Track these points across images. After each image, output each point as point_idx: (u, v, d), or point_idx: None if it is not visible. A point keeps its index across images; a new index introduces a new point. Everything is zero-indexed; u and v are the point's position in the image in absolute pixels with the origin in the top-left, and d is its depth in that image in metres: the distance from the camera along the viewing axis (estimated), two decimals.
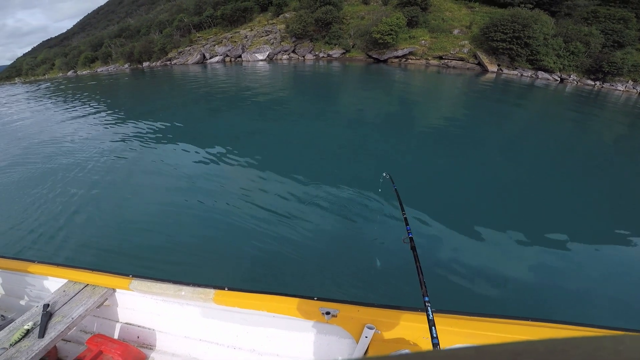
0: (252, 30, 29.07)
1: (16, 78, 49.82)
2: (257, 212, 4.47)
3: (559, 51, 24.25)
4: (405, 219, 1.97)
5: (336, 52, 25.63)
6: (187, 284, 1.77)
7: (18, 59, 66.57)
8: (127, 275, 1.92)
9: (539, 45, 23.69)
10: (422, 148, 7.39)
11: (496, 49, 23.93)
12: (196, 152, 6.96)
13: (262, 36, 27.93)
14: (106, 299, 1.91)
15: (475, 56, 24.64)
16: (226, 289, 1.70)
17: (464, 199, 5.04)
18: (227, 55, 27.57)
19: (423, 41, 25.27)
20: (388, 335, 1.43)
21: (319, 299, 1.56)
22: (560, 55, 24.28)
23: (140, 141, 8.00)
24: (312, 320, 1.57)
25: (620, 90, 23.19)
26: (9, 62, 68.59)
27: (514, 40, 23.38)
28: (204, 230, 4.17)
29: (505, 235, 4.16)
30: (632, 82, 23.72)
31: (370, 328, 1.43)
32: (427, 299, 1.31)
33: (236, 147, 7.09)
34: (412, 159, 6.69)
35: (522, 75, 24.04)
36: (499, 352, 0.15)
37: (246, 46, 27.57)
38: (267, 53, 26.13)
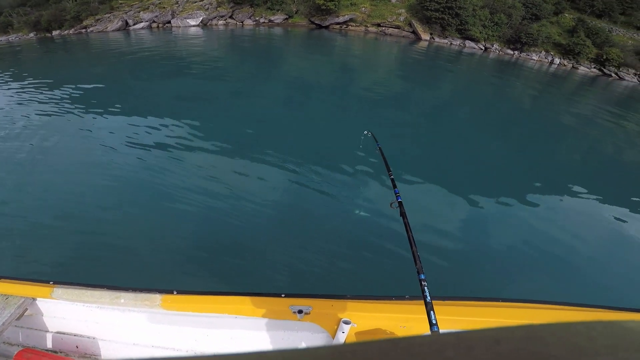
0: None
1: None
2: (205, 197, 3.61)
3: (485, 22, 26.14)
4: (393, 180, 1.74)
5: (278, 18, 24.64)
6: (126, 289, 1.53)
7: None
8: (46, 282, 1.64)
9: (467, 15, 25.29)
10: (360, 111, 7.36)
11: (430, 18, 25.05)
12: (124, 127, 5.71)
13: (196, 1, 25.64)
14: (26, 309, 1.64)
15: (410, 24, 25.51)
16: (175, 293, 1.48)
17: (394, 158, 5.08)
18: (154, 22, 24.88)
19: (363, 8, 25.43)
20: (366, 328, 1.35)
21: (287, 296, 1.41)
22: (485, 26, 26.23)
23: (49, 115, 6.46)
24: (282, 319, 1.42)
25: (534, 59, 25.96)
26: None
27: (447, 10, 24.70)
28: (138, 223, 3.27)
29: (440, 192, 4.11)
30: (544, 53, 26.61)
31: (346, 323, 1.34)
32: (423, 276, 1.13)
33: (173, 119, 6.02)
34: (352, 120, 6.50)
35: (451, 44, 25.60)
36: (479, 338, 0.15)
37: (177, 12, 25.11)
38: (201, 19, 24.09)
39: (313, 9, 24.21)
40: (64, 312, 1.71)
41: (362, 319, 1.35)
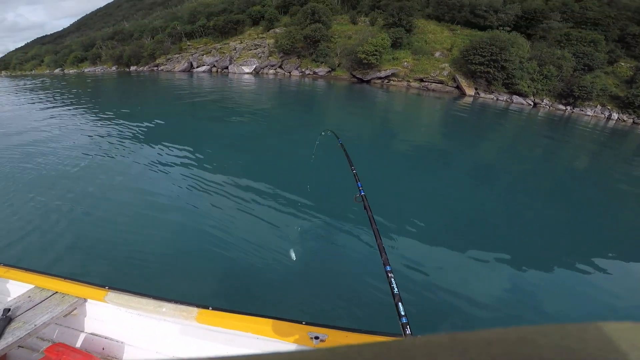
0: (241, 42, 29.55)
1: (2, 71, 49.09)
2: (242, 231, 4.30)
3: (533, 75, 25.09)
4: (355, 174, 1.89)
5: (322, 70, 26.18)
6: (169, 300, 1.71)
7: (9, 52, 65.73)
8: (102, 286, 1.82)
9: (514, 68, 24.48)
10: (398, 167, 7.48)
11: (474, 72, 24.71)
12: (181, 162, 6.82)
13: (251, 49, 28.38)
14: (75, 308, 1.81)
15: (454, 79, 25.50)
16: (210, 309, 1.66)
17: (434, 217, 5.20)
18: (214, 66, 27.86)
19: (405, 63, 26.07)
20: None
21: (307, 324, 1.54)
22: (534, 79, 25.15)
23: (121, 144, 7.77)
24: (299, 344, 1.53)
25: (589, 115, 24.10)
26: (0, 56, 67.30)
27: (491, 63, 24.04)
28: (185, 244, 4.05)
29: (479, 256, 4.22)
30: (600, 107, 24.66)
31: None
32: (388, 268, 1.13)
33: (221, 157, 7.08)
34: (389, 177, 6.68)
35: (497, 99, 24.89)
36: (473, 339, 0.15)
37: (234, 58, 27.94)
38: (254, 66, 26.51)
39: (355, 63, 25.35)
40: (105, 315, 1.84)
41: None
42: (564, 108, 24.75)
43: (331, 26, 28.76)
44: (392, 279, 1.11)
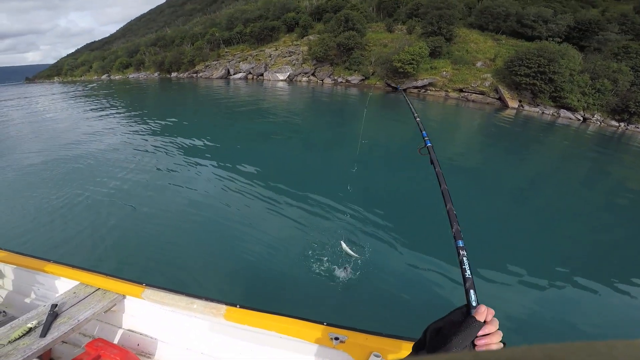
0: (276, 49, 30.05)
1: (55, 77, 53.46)
2: (271, 233, 4.49)
3: (584, 88, 23.28)
4: (419, 122, 1.69)
5: (355, 79, 25.93)
6: (200, 297, 1.77)
7: (61, 59, 71.50)
8: (140, 283, 1.91)
9: (564, 81, 22.90)
10: (431, 184, 7.31)
11: (519, 83, 23.35)
12: (219, 167, 7.19)
13: (286, 56, 28.77)
14: (115, 304, 1.91)
15: (496, 90, 24.23)
16: (238, 307, 1.71)
17: (477, 237, 5.02)
18: (250, 73, 28.53)
19: (444, 72, 25.16)
20: None
21: (328, 325, 1.58)
22: (585, 93, 23.31)
23: (160, 150, 8.41)
24: (319, 344, 1.58)
25: None
26: (53, 61, 73.64)
27: (538, 75, 22.63)
28: (217, 245, 4.26)
29: (524, 276, 4.05)
30: None
31: (376, 356, 1.46)
32: (460, 243, 0.84)
33: (258, 166, 7.33)
34: (423, 192, 6.53)
35: (543, 112, 23.32)
36: (497, 358, 0.15)
37: (269, 65, 28.45)
38: (288, 74, 26.82)
39: (390, 71, 24.79)
40: (141, 311, 1.92)
41: (391, 355, 1.42)
42: (617, 124, 22.71)
43: (365, 34, 28.43)
44: (464, 258, 0.82)
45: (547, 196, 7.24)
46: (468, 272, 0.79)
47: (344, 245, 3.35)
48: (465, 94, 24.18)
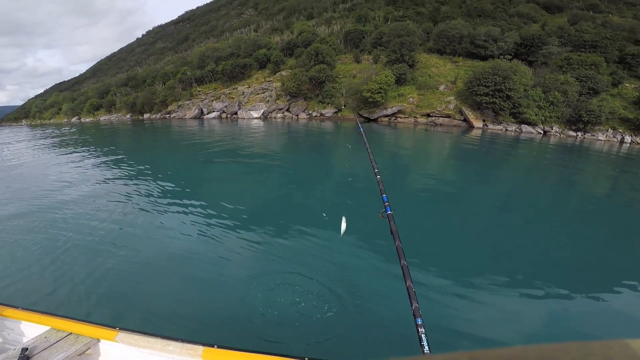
0: (249, 87, 30.67)
1: (23, 120, 51.53)
2: (247, 270, 4.53)
3: (539, 102, 24.98)
4: (379, 182, 1.85)
5: (329, 112, 26.76)
6: (176, 339, 1.76)
7: (29, 100, 69.04)
8: (114, 327, 1.91)
9: (520, 97, 24.51)
10: (410, 206, 7.52)
11: (480, 103, 24.83)
12: (192, 207, 7.22)
13: (259, 93, 29.38)
14: (89, 348, 1.90)
15: (460, 112, 25.63)
16: (216, 347, 1.69)
17: (455, 251, 5.27)
18: (224, 112, 28.79)
19: (411, 99, 26.45)
20: None
21: (310, 359, 1.58)
22: (541, 107, 25.01)
23: (132, 195, 8.34)
24: None
25: (601, 139, 23.67)
26: (21, 103, 70.89)
27: (496, 93, 24.15)
28: (193, 284, 4.25)
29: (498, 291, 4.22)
30: (611, 131, 24.22)
31: None
32: (420, 321, 0.89)
33: (232, 204, 7.42)
34: (405, 219, 6.69)
35: (506, 130, 24.81)
36: (492, 358, 0.15)
37: (242, 103, 28.88)
38: (262, 111, 27.30)
39: (361, 102, 25.82)
40: (117, 354, 1.89)
41: None
42: (575, 134, 24.49)
43: (335, 66, 29.68)
44: (423, 335, 0.87)
45: (521, 210, 7.67)
46: (426, 347, 0.84)
47: (343, 224, 3.38)
48: (433, 118, 25.44)
